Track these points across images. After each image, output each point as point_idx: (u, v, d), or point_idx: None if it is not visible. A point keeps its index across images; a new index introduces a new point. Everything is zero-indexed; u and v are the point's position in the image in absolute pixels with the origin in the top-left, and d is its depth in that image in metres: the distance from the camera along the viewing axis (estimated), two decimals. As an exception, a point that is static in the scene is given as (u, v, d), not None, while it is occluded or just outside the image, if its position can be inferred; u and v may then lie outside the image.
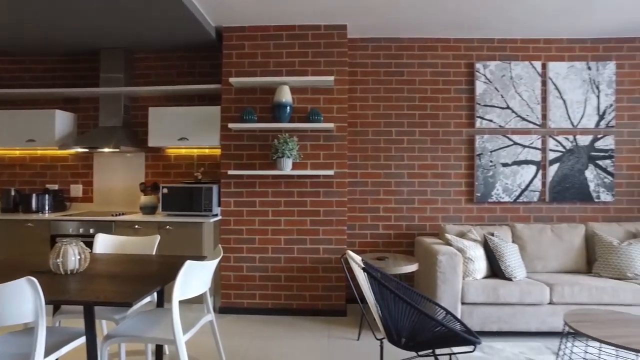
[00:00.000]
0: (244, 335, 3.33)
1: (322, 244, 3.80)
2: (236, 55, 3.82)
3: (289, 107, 3.63)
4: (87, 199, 4.40)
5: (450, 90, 4.13)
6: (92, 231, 3.74)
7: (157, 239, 2.94)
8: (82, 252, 2.21)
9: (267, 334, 3.35)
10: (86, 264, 2.24)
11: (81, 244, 2.24)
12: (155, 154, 4.30)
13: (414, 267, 3.32)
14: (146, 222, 3.71)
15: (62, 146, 3.97)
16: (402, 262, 3.39)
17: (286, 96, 3.62)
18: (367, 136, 4.15)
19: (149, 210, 4.02)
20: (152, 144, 3.97)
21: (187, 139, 3.93)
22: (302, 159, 3.80)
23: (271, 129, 3.79)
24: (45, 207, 4.11)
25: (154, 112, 3.97)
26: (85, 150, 4.06)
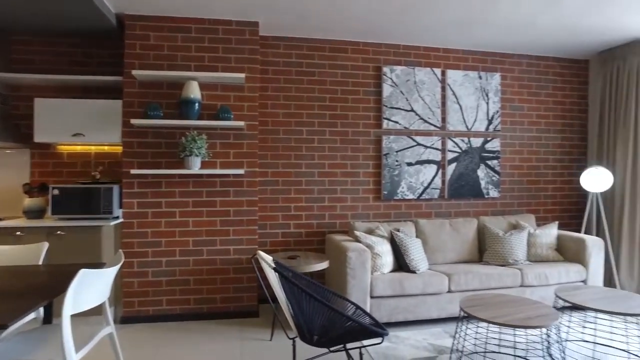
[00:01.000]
0: (149, 344, 3.12)
1: (232, 244, 3.71)
2: (140, 46, 3.56)
3: (197, 104, 3.47)
4: (-45, 203, 3.79)
5: (359, 91, 4.29)
6: (-39, 240, 3.22)
7: (45, 246, 2.62)
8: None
9: (176, 341, 3.18)
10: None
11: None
12: (43, 151, 3.83)
13: (324, 265, 3.38)
14: (31, 228, 3.29)
15: None
16: (313, 260, 3.44)
17: (195, 92, 3.46)
18: (278, 135, 4.14)
19: (34, 214, 3.57)
20: (39, 139, 3.53)
21: (83, 135, 3.56)
22: (211, 157, 3.67)
23: (178, 126, 3.59)
24: None
25: (41, 104, 3.53)
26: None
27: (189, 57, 3.63)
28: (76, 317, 3.02)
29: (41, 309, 2.45)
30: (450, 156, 4.46)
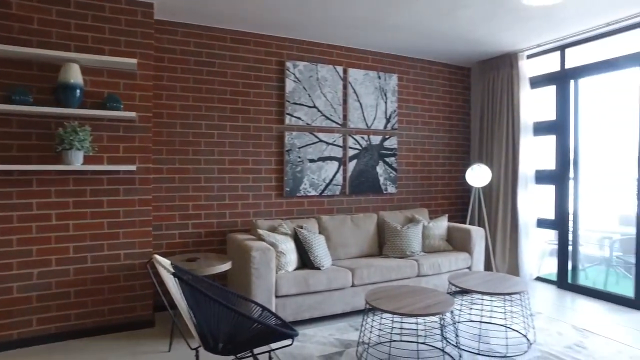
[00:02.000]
0: (16, 372, 2.64)
1: (123, 248, 3.32)
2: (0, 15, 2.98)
3: (79, 90, 3.03)
4: None
5: (261, 86, 4.16)
6: None
7: None
8: None
9: (50, 365, 2.74)
10: None
11: None
12: None
13: (227, 266, 3.21)
14: None
15: None
16: (214, 261, 3.24)
17: (75, 76, 3.01)
18: (174, 129, 3.83)
19: None
20: None
21: None
22: (97, 152, 3.23)
23: (55, 115, 3.09)
24: None
25: None
26: None
27: (67, 35, 3.14)
28: None
29: None
30: (351, 153, 4.57)
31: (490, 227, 4.93)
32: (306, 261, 3.63)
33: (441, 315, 2.57)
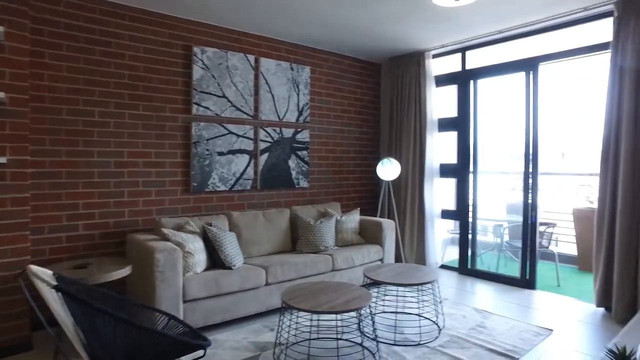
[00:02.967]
0: None
1: (-9, 257, 2.78)
2: None
3: None
4: None
5: (166, 71, 3.78)
6: None
7: None
8: None
9: None
10: None
11: None
12: None
13: (126, 271, 2.85)
14: None
15: None
16: (110, 266, 2.86)
17: None
18: (59, 115, 3.30)
19: None
20: None
21: None
22: (-48, 140, 2.64)
23: None
24: None
25: None
26: None
27: None
28: None
29: None
30: (262, 146, 4.38)
31: (399, 219, 5.10)
32: (216, 261, 3.39)
33: (360, 310, 2.53)
